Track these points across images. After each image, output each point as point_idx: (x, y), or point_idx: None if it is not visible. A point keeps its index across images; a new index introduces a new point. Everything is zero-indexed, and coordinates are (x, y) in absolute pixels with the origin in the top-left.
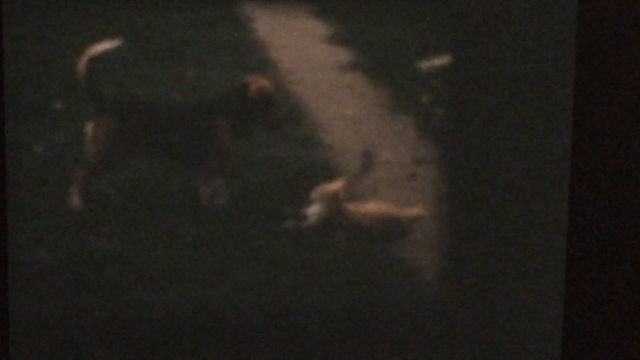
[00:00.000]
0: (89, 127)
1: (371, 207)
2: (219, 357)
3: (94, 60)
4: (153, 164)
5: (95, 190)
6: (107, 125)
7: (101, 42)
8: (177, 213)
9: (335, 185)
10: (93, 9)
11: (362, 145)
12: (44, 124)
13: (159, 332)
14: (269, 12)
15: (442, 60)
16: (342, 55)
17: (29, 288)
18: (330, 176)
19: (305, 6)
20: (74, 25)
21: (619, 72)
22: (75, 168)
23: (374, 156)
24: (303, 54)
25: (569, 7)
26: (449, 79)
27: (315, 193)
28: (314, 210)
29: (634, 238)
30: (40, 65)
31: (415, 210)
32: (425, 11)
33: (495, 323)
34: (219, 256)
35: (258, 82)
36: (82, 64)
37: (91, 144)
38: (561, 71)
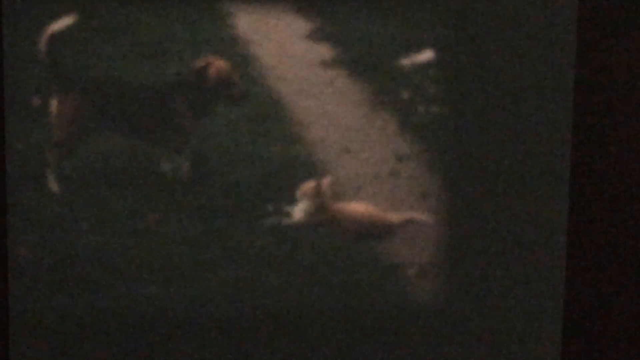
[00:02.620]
0: (54, 105)
1: (358, 207)
2: (203, 354)
3: (55, 37)
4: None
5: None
6: (72, 103)
7: (60, 20)
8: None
9: (320, 182)
10: (93, 8)
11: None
12: (44, 123)
13: (147, 329)
14: (250, 8)
15: (424, 57)
16: (324, 51)
17: (29, 287)
18: (311, 173)
19: (287, 2)
20: (74, 24)
21: (619, 72)
22: (46, 149)
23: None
24: (284, 50)
25: (569, 7)
26: (440, 75)
27: (300, 190)
28: (300, 208)
29: (634, 238)
30: (40, 65)
31: (404, 215)
32: (406, 7)
33: (495, 323)
34: (203, 254)
35: (216, 64)
36: (43, 41)
37: (56, 121)
38: (561, 71)
